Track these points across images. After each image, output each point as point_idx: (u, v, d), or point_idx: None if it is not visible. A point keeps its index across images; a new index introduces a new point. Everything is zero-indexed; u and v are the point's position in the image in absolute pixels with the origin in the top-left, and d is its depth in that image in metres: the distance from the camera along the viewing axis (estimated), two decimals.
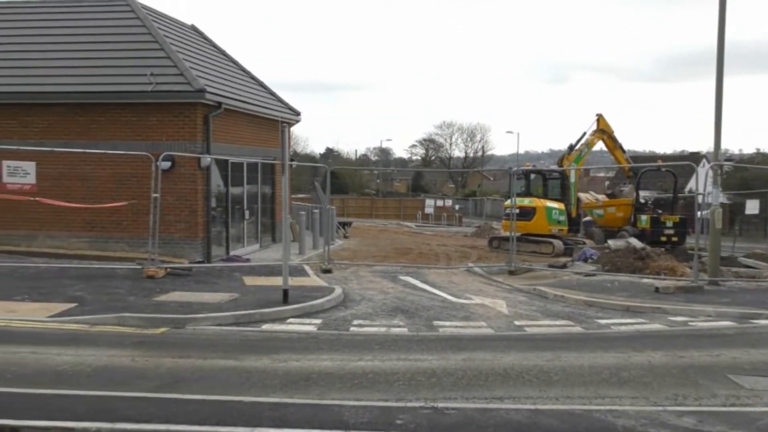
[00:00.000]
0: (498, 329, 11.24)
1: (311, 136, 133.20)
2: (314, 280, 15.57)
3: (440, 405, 6.79)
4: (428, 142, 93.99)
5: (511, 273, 18.04)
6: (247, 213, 20.68)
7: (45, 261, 16.31)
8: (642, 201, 27.07)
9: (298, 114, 24.96)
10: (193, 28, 24.45)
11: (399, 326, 11.20)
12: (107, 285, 13.61)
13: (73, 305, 11.66)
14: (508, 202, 24.78)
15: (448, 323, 11.59)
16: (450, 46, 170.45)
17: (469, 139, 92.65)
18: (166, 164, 16.41)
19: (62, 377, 7.63)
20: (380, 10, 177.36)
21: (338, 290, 13.84)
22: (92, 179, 17.68)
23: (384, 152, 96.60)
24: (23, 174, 15.06)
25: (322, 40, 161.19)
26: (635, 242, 21.64)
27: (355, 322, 11.47)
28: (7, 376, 7.53)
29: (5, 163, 15.30)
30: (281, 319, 11.41)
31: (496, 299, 14.10)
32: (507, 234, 22.21)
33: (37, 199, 15.67)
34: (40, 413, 6.23)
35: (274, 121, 22.19)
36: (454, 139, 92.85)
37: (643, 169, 28.38)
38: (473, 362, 8.67)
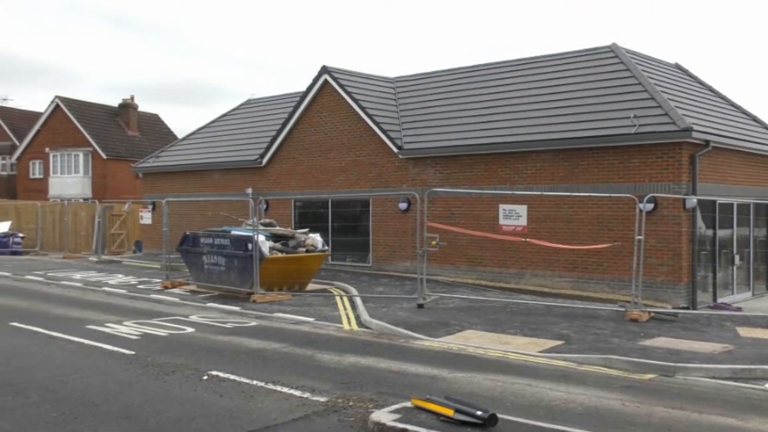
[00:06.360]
0: None
1: None
2: None
3: None
4: None
5: None
6: (736, 258, 19.01)
7: (531, 298, 17.32)
8: None
9: None
10: (677, 66, 23.71)
11: None
12: (590, 325, 13.76)
13: (560, 342, 12.08)
14: None
15: None
16: None
17: None
18: (649, 206, 16.05)
19: (554, 412, 7.88)
20: None
21: None
22: (574, 221, 18.27)
23: None
24: (516, 217, 16.31)
25: None
26: None
27: None
28: (507, 405, 8.09)
29: (501, 206, 16.77)
30: None
31: None
32: None
33: (527, 239, 16.79)
34: None
35: None
36: None
37: None
38: None
